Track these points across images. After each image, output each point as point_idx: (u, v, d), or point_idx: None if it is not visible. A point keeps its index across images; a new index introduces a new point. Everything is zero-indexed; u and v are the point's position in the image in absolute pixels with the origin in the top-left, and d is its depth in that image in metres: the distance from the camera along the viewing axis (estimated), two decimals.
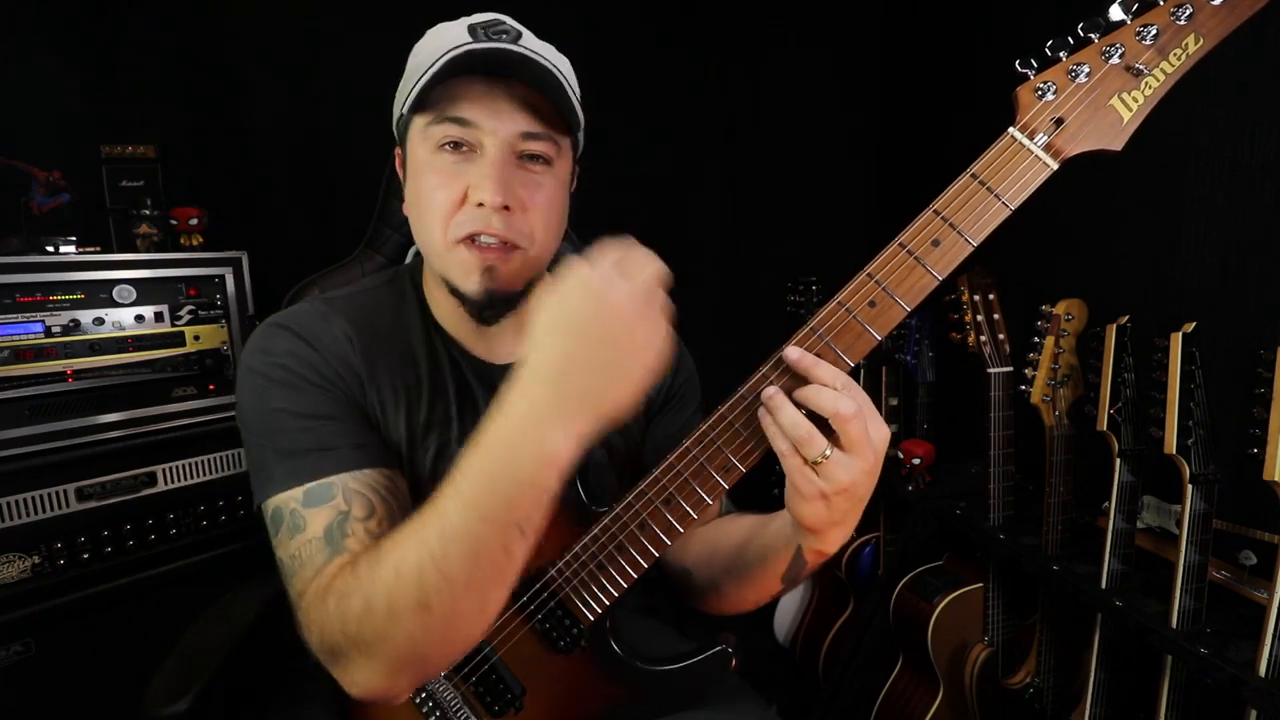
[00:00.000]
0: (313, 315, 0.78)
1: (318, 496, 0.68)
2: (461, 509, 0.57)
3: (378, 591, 0.59)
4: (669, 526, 0.67)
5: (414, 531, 0.60)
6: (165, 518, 1.50)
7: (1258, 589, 1.11)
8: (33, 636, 1.36)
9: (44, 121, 1.64)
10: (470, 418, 0.81)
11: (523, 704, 0.75)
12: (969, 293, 1.43)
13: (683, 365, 0.98)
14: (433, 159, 0.74)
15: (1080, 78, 0.59)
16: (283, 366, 0.73)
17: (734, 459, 0.65)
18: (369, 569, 0.60)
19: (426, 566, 0.57)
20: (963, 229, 0.60)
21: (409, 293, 0.86)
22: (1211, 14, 0.58)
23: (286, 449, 0.70)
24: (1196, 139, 1.36)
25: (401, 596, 0.58)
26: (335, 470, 0.69)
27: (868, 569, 1.92)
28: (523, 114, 0.73)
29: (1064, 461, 1.29)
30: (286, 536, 0.68)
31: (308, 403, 0.72)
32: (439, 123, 0.73)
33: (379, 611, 0.58)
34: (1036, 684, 1.41)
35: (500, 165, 0.72)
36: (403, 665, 0.61)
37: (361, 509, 0.68)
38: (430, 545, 0.58)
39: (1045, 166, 0.60)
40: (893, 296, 0.61)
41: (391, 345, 0.80)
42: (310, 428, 0.71)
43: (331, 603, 0.61)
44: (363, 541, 0.66)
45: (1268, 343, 0.95)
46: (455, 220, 0.74)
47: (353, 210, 1.28)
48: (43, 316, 1.40)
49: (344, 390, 0.75)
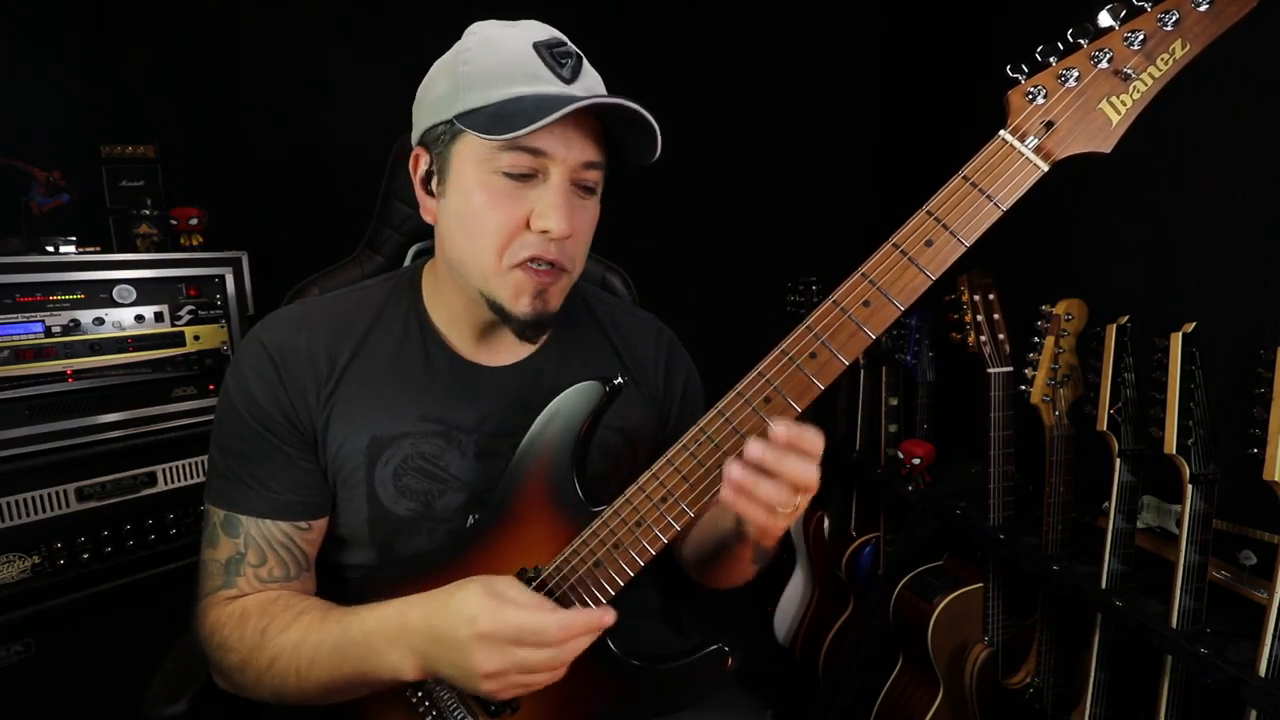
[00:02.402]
0: (287, 325, 0.80)
1: (230, 526, 0.78)
2: (329, 655, 0.70)
3: (251, 665, 0.73)
4: (666, 525, 0.68)
5: (295, 644, 0.71)
6: (165, 518, 1.51)
7: (1258, 589, 1.11)
8: (33, 636, 1.36)
9: (44, 121, 1.65)
10: (439, 427, 0.81)
11: (519, 704, 0.75)
12: (969, 293, 1.43)
13: (690, 377, 0.99)
14: (490, 179, 0.72)
15: (1069, 82, 0.60)
16: (243, 391, 0.78)
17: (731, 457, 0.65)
18: (251, 643, 0.73)
19: (290, 675, 0.71)
20: (955, 229, 0.61)
21: (403, 293, 0.85)
22: (1197, 20, 0.59)
23: (226, 468, 0.79)
24: (1196, 139, 1.36)
25: (268, 680, 0.72)
26: (246, 511, 0.78)
27: (868, 569, 1.92)
28: (589, 143, 0.73)
29: (1064, 461, 1.29)
30: (205, 542, 0.79)
31: (251, 434, 0.78)
32: (510, 149, 0.70)
33: (249, 675, 0.73)
34: (1036, 684, 1.41)
35: (567, 194, 0.73)
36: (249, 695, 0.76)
37: (255, 557, 0.77)
38: (300, 661, 0.71)
39: (1036, 168, 0.61)
40: (887, 296, 0.62)
41: (363, 350, 0.81)
42: (246, 455, 0.78)
43: (215, 638, 0.75)
44: (250, 583, 0.77)
45: (1268, 343, 0.95)
46: (514, 245, 0.73)
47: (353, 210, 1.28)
48: (43, 316, 1.40)
49: (290, 421, 0.78)
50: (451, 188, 0.75)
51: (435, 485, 0.80)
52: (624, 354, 0.93)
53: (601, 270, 1.14)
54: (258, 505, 0.77)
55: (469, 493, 0.80)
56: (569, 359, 0.89)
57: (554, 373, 0.87)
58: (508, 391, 0.84)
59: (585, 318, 0.93)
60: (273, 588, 0.78)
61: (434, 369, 0.82)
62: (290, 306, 0.83)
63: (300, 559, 0.80)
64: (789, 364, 0.64)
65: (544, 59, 0.71)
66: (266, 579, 0.77)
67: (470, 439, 0.81)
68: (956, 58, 2.02)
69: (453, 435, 0.81)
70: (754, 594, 2.25)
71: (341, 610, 0.73)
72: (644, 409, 0.92)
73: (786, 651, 2.12)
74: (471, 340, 0.84)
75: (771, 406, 0.64)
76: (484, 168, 0.72)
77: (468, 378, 0.83)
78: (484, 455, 0.81)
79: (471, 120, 0.70)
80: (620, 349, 0.93)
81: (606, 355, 0.92)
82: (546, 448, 0.75)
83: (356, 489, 0.78)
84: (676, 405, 0.96)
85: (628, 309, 1.00)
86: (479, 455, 0.81)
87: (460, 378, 0.83)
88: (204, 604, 0.78)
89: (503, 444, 0.81)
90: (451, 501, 0.80)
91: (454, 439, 0.81)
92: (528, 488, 0.75)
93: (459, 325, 0.83)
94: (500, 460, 0.79)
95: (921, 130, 2.19)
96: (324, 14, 1.85)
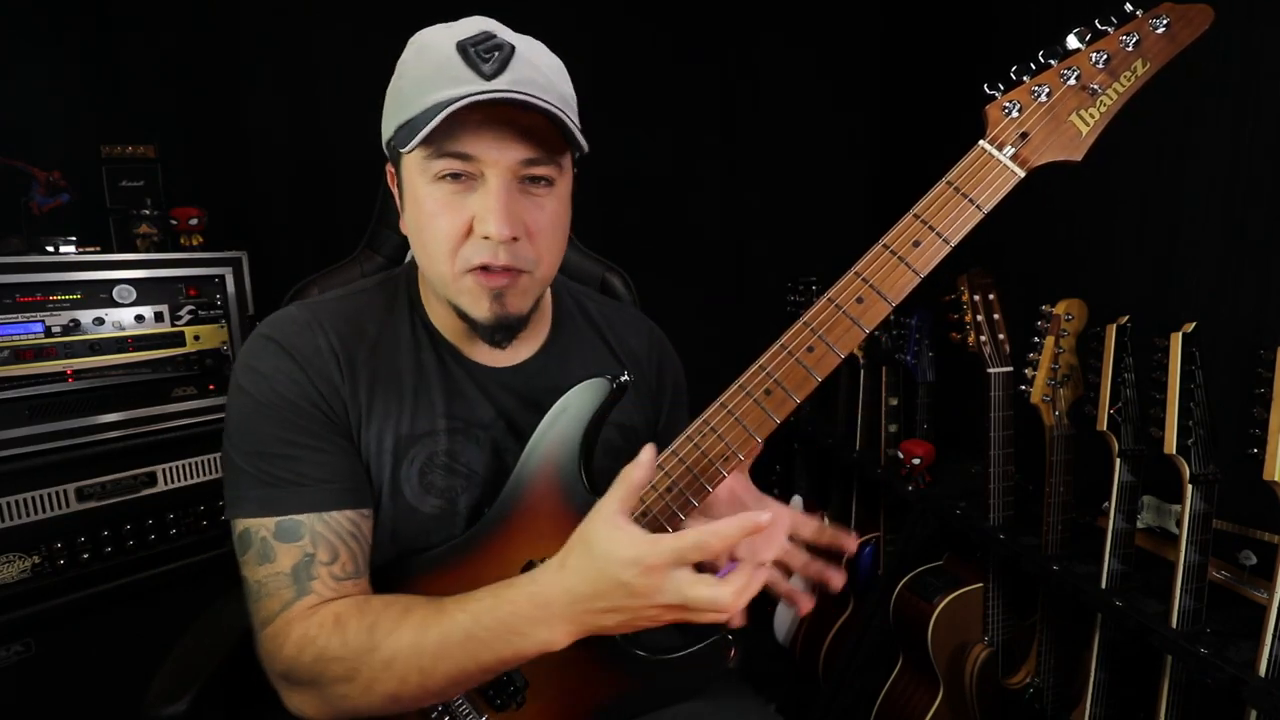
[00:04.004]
0: (298, 325, 0.78)
1: (287, 532, 0.72)
2: (460, 645, 0.65)
3: (363, 671, 0.66)
4: (671, 515, 0.69)
5: (414, 638, 0.66)
6: (165, 518, 1.51)
7: (1258, 589, 1.11)
8: (33, 636, 1.36)
9: (44, 121, 1.65)
10: (459, 424, 0.81)
11: (525, 697, 0.75)
12: (969, 293, 1.42)
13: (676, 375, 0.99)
14: (432, 189, 0.72)
15: (1041, 97, 0.67)
16: (269, 388, 0.74)
17: (734, 447, 0.67)
18: (360, 646, 0.67)
19: (413, 674, 0.66)
20: (941, 230, 0.66)
21: (403, 295, 0.86)
22: (1155, 41, 0.66)
23: (265, 475, 0.73)
24: (1196, 139, 1.36)
25: (383, 684, 0.66)
26: (304, 509, 0.73)
27: (868, 569, 1.92)
28: (523, 142, 0.71)
29: (1064, 461, 1.29)
30: (254, 562, 0.72)
31: (289, 430, 0.74)
32: (437, 157, 0.70)
33: (358, 684, 0.67)
34: (1036, 684, 1.41)
35: (504, 196, 0.71)
36: (346, 716, 0.69)
37: (326, 554, 0.72)
38: (424, 660, 0.65)
39: (1014, 174, 0.66)
40: (879, 293, 0.66)
41: (379, 351, 0.80)
42: (288, 456, 0.74)
43: (309, 652, 0.68)
44: (328, 585, 0.72)
45: (1268, 343, 0.95)
46: (462, 252, 0.73)
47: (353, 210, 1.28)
48: (43, 316, 1.40)
49: (324, 413, 0.76)
50: (407, 200, 0.76)
51: (459, 482, 0.80)
52: (619, 352, 0.94)
53: (601, 270, 1.14)
54: (317, 500, 0.73)
55: (486, 488, 0.81)
56: (569, 358, 0.89)
57: (556, 372, 0.87)
58: (517, 389, 0.85)
59: (580, 318, 0.94)
60: (347, 587, 0.73)
61: (448, 368, 0.83)
62: (292, 308, 0.82)
63: (367, 550, 0.76)
64: (788, 358, 0.67)
65: (466, 58, 0.70)
66: (342, 576, 0.73)
67: (487, 434, 0.82)
68: (957, 59, 2.02)
69: (471, 432, 0.81)
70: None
71: (452, 601, 0.68)
72: (641, 405, 0.93)
73: (786, 651, 2.12)
74: (468, 343, 0.84)
75: (772, 398, 0.67)
76: (425, 177, 0.72)
77: (478, 377, 0.84)
78: (499, 451, 0.82)
79: (401, 135, 0.71)
80: (616, 347, 0.94)
81: (604, 354, 0.93)
82: (554, 443, 0.75)
83: (381, 488, 0.78)
84: (667, 402, 0.97)
85: (617, 308, 1.00)
86: (495, 452, 0.82)
87: (472, 377, 0.83)
88: (276, 625, 0.70)
89: (514, 441, 0.82)
90: (472, 497, 0.81)
91: (473, 435, 0.81)
92: (536, 482, 0.75)
93: (450, 329, 0.84)
94: (512, 456, 0.80)
95: (921, 131, 2.19)
96: (324, 14, 1.85)
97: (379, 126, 0.78)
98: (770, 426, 0.67)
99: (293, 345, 0.76)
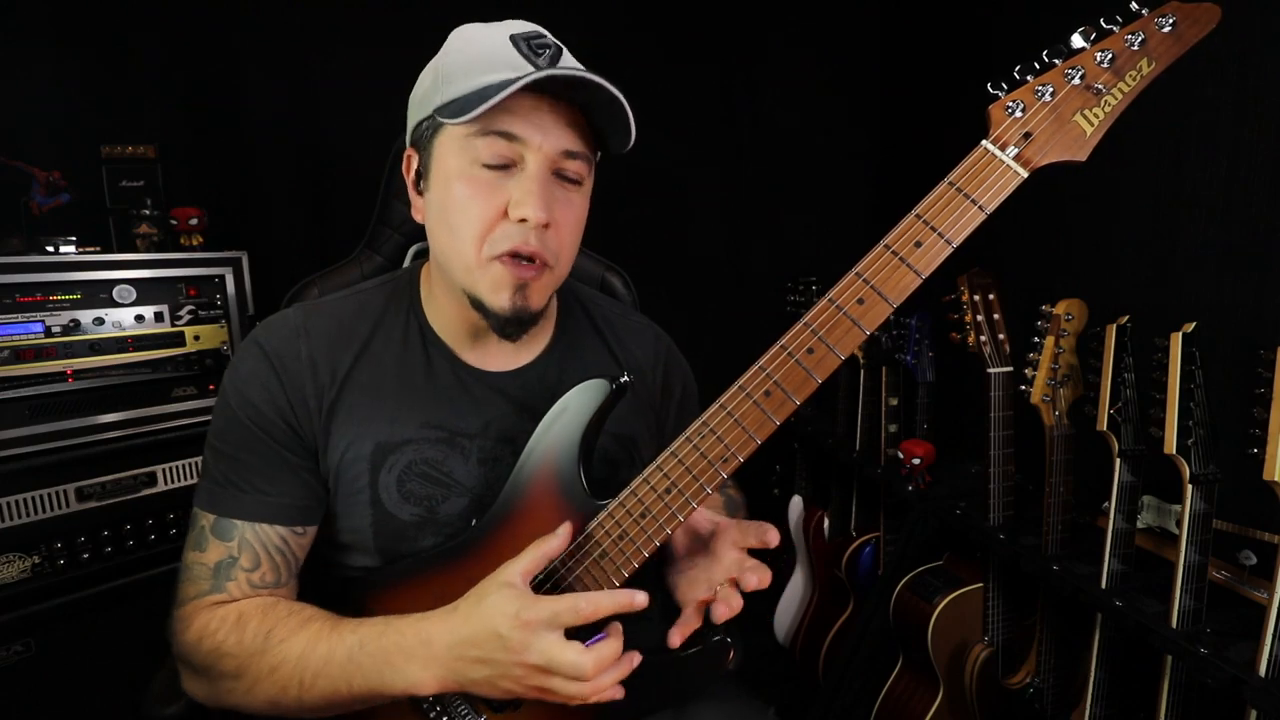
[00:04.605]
0: (287, 331, 0.80)
1: (222, 530, 0.76)
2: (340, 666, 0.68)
3: (249, 671, 0.70)
4: (670, 516, 0.69)
5: (301, 652, 0.70)
6: (165, 518, 1.51)
7: (1258, 589, 1.11)
8: (33, 636, 1.36)
9: (44, 121, 1.65)
10: (443, 433, 0.81)
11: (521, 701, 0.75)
12: (969, 293, 1.42)
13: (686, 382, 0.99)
14: (470, 170, 0.73)
15: (1045, 97, 0.66)
16: (241, 393, 0.77)
17: (732, 449, 0.67)
18: (252, 648, 0.70)
19: (292, 686, 0.69)
20: (943, 231, 0.65)
21: (402, 296, 0.85)
22: (1161, 40, 0.65)
23: (219, 472, 0.77)
24: (1196, 139, 1.35)
25: (264, 689, 0.70)
26: (240, 515, 0.76)
27: (868, 569, 1.92)
28: (568, 132, 0.73)
29: (1064, 461, 1.29)
30: (191, 545, 0.77)
31: (249, 437, 0.77)
32: (483, 135, 0.71)
33: (243, 682, 0.71)
34: (1036, 684, 1.41)
35: (543, 181, 0.73)
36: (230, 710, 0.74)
37: (249, 561, 0.76)
38: (305, 672, 0.69)
39: (1016, 175, 0.65)
40: (880, 294, 0.66)
41: (367, 355, 0.81)
42: (241, 460, 0.77)
43: (206, 644, 0.72)
44: (241, 588, 0.76)
45: (1268, 343, 0.95)
46: (492, 236, 0.73)
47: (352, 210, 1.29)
48: (43, 316, 1.40)
49: (289, 425, 0.77)
50: (434, 182, 0.76)
51: (439, 490, 0.80)
52: (621, 359, 0.93)
53: (601, 270, 1.14)
54: (254, 510, 0.76)
55: (471, 497, 0.81)
56: (569, 365, 0.88)
57: (555, 378, 0.87)
58: (510, 397, 0.84)
59: (583, 322, 0.93)
60: (263, 593, 0.76)
61: (436, 375, 0.82)
62: (289, 311, 0.83)
63: (292, 564, 0.79)
64: (788, 359, 0.67)
65: (520, 49, 0.72)
66: (258, 584, 0.76)
67: (474, 444, 0.81)
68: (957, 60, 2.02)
69: (456, 441, 0.81)
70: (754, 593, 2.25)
71: (351, 621, 0.71)
72: (640, 415, 0.92)
73: (786, 651, 2.12)
74: (468, 345, 0.84)
75: (771, 400, 0.67)
76: (463, 158, 0.73)
77: (470, 384, 0.83)
78: (487, 460, 0.81)
79: (449, 110, 0.71)
80: (618, 354, 0.93)
81: (605, 360, 0.92)
82: (553, 444, 0.75)
83: (360, 495, 0.78)
84: (673, 410, 0.96)
85: (625, 313, 0.99)
86: (482, 460, 0.81)
87: (463, 384, 0.83)
88: (187, 609, 0.75)
89: (505, 449, 0.82)
90: (454, 506, 0.80)
91: (457, 445, 0.81)
92: (534, 484, 0.75)
93: (454, 329, 0.83)
94: (503, 465, 0.80)
95: (921, 132, 2.19)
96: (324, 14, 1.85)
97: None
98: (770, 428, 0.67)
99: (276, 352, 0.78)
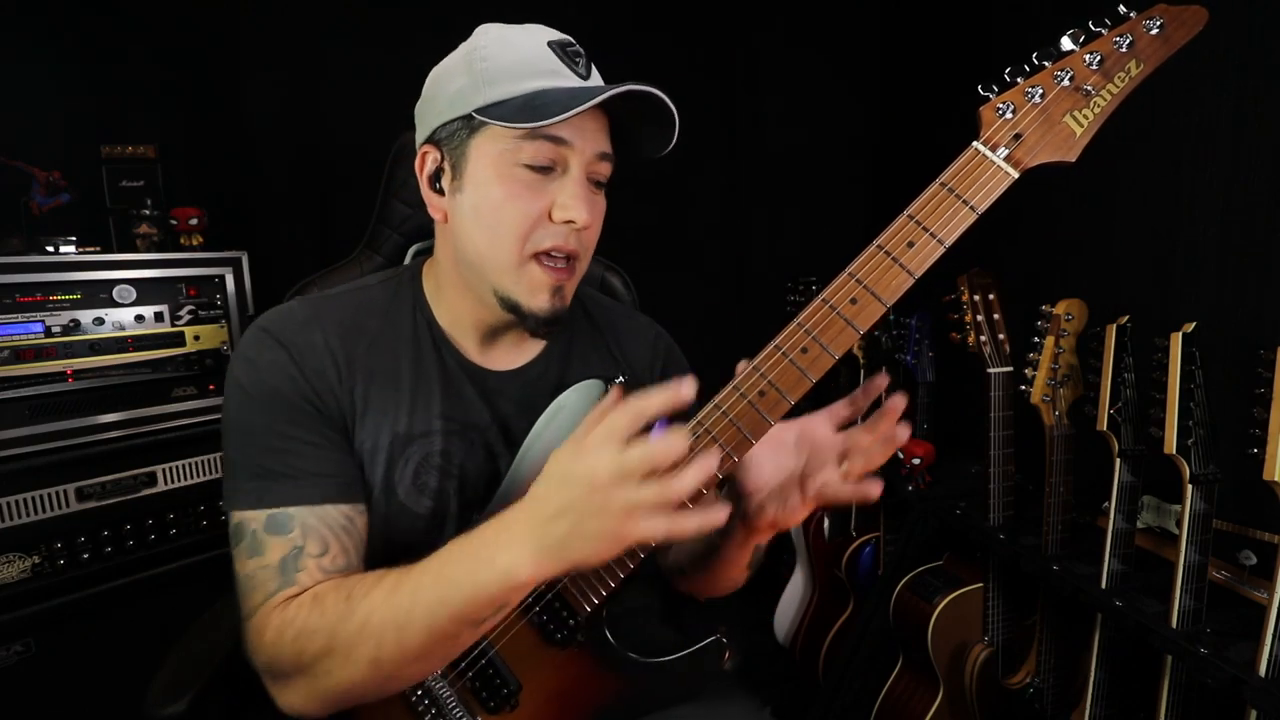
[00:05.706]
0: (297, 321, 0.78)
1: (278, 525, 0.71)
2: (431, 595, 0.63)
3: (340, 638, 0.65)
4: None
5: (387, 595, 0.65)
6: (165, 518, 1.51)
7: (1258, 589, 1.11)
8: (33, 636, 1.36)
9: (44, 121, 1.65)
10: (455, 425, 0.81)
11: (518, 700, 0.75)
12: (969, 293, 1.42)
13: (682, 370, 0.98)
14: (511, 172, 0.73)
15: (1035, 98, 0.67)
16: (263, 381, 0.74)
17: (728, 448, 0.67)
18: (337, 614, 0.66)
19: (389, 631, 0.64)
20: (935, 231, 0.65)
21: (406, 292, 0.85)
22: (1149, 43, 0.66)
23: (257, 467, 0.73)
24: (1196, 139, 1.35)
25: (361, 648, 0.64)
26: (296, 501, 0.72)
27: (868, 569, 1.92)
28: (602, 135, 0.76)
29: (1064, 461, 1.29)
30: (245, 555, 0.72)
31: (282, 423, 0.74)
32: (533, 139, 0.72)
33: (337, 654, 0.65)
34: (1036, 684, 1.41)
35: (584, 184, 0.75)
36: (337, 700, 0.68)
37: (316, 546, 0.71)
38: (398, 614, 0.64)
39: (1007, 176, 0.66)
40: (873, 293, 0.66)
41: (378, 348, 0.80)
42: (280, 449, 0.73)
43: (288, 635, 0.67)
44: (313, 576, 0.70)
45: (1268, 343, 0.95)
46: (533, 237, 0.74)
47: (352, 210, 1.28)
48: (43, 316, 1.40)
49: (316, 408, 0.75)
50: (468, 182, 0.76)
51: (452, 483, 0.80)
52: (620, 358, 0.93)
53: (601, 270, 1.14)
54: (309, 493, 0.72)
55: (478, 491, 0.81)
56: (569, 364, 0.89)
57: (556, 376, 0.87)
58: (515, 394, 0.85)
59: (584, 322, 0.94)
60: (335, 577, 0.71)
61: (448, 369, 0.83)
62: (291, 304, 0.82)
63: (360, 545, 0.75)
64: (782, 359, 0.67)
65: (560, 56, 0.75)
66: (330, 569, 0.71)
67: (482, 438, 0.82)
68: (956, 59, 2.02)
69: (468, 434, 0.82)
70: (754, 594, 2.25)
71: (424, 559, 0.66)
72: None
73: (786, 651, 2.12)
74: (475, 344, 0.84)
75: (766, 399, 0.66)
76: (505, 160, 0.73)
77: (475, 380, 0.84)
78: (493, 455, 0.83)
79: (497, 112, 0.71)
80: (617, 353, 0.94)
81: (605, 359, 0.92)
82: (550, 443, 0.75)
83: (375, 486, 0.78)
84: None
85: (625, 313, 1.00)
86: (489, 455, 0.82)
87: (470, 380, 0.83)
88: (259, 616, 0.70)
89: (506, 445, 0.83)
90: (464, 499, 0.81)
91: (469, 438, 0.82)
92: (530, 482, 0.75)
93: (462, 328, 0.83)
94: (504, 460, 0.81)
95: (921, 132, 2.18)
96: (324, 14, 1.85)
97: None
98: (764, 428, 0.67)
99: (289, 339, 0.76)
